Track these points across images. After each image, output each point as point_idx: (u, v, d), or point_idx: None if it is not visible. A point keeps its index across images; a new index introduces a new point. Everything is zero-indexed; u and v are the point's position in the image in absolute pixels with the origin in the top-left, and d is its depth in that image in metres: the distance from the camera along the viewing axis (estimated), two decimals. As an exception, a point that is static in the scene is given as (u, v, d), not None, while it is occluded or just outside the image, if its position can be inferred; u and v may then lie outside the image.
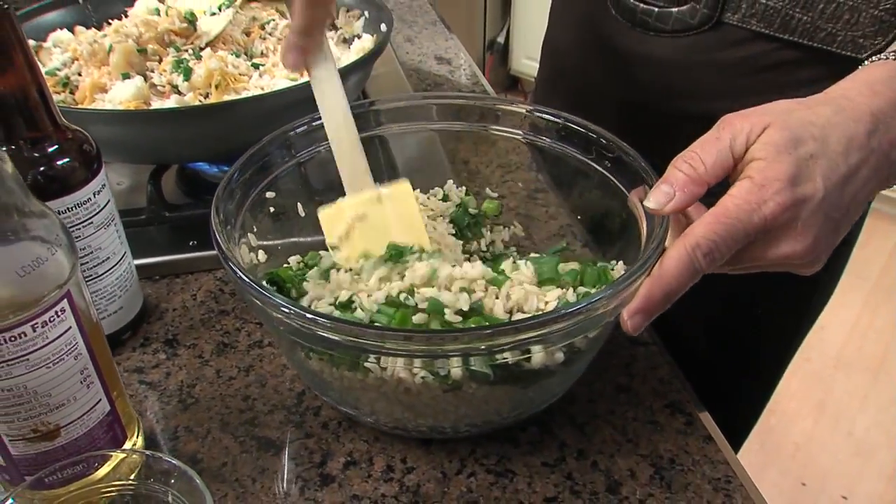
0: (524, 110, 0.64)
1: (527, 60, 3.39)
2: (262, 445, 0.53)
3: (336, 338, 0.41)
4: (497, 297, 0.48)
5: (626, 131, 0.89)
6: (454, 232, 0.63)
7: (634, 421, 0.55)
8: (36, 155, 0.50)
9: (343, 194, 0.59)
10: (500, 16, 3.39)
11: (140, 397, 0.56)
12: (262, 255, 0.57)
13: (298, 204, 0.62)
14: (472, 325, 0.46)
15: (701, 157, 0.48)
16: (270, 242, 0.59)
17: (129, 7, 0.90)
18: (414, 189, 0.61)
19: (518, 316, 0.48)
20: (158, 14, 0.86)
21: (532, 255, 0.61)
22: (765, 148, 0.46)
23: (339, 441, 0.53)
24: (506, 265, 0.52)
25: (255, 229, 0.57)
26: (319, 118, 0.58)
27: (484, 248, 0.65)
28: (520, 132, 0.64)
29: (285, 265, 0.59)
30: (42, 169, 0.50)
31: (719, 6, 0.76)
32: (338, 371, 0.47)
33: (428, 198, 0.66)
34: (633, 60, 0.84)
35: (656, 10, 0.80)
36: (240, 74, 0.74)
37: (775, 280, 0.54)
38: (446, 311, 0.46)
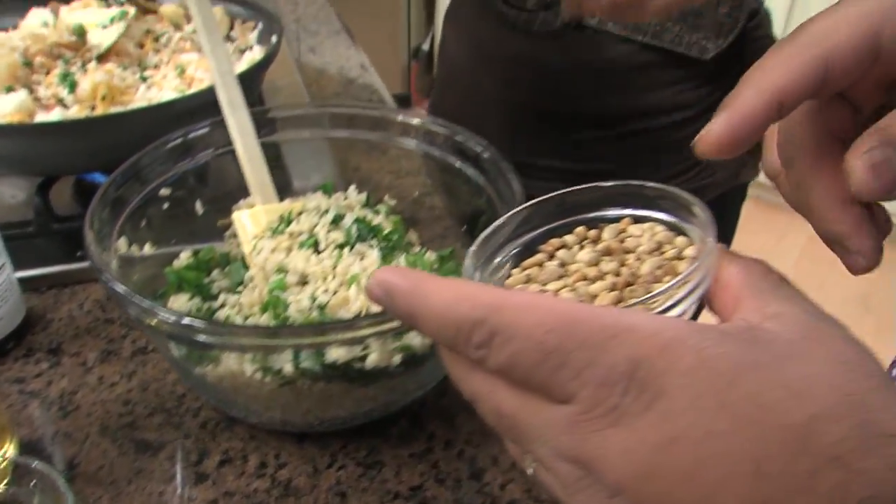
0: (411, 120, 0.66)
1: (452, 67, 3.42)
2: (140, 448, 0.54)
3: (182, 333, 0.44)
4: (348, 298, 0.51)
5: (511, 131, 0.94)
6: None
7: (502, 411, 0.58)
8: None
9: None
10: (425, 23, 3.42)
11: (19, 406, 0.57)
12: (148, 249, 0.59)
13: (198, 202, 0.65)
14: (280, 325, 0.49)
15: None
16: (162, 247, 0.61)
17: (21, 18, 0.90)
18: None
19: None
20: (46, 26, 0.86)
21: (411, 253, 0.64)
22: None
23: (216, 440, 0.55)
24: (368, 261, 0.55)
25: (146, 224, 0.60)
26: (200, 128, 0.61)
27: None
28: (408, 140, 0.67)
29: (176, 260, 0.61)
30: None
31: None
32: (201, 367, 0.49)
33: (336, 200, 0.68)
34: (510, 61, 0.89)
35: (525, 14, 0.85)
36: (127, 87, 0.75)
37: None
38: (290, 309, 0.48)
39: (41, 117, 0.72)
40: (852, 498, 0.23)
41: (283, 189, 0.70)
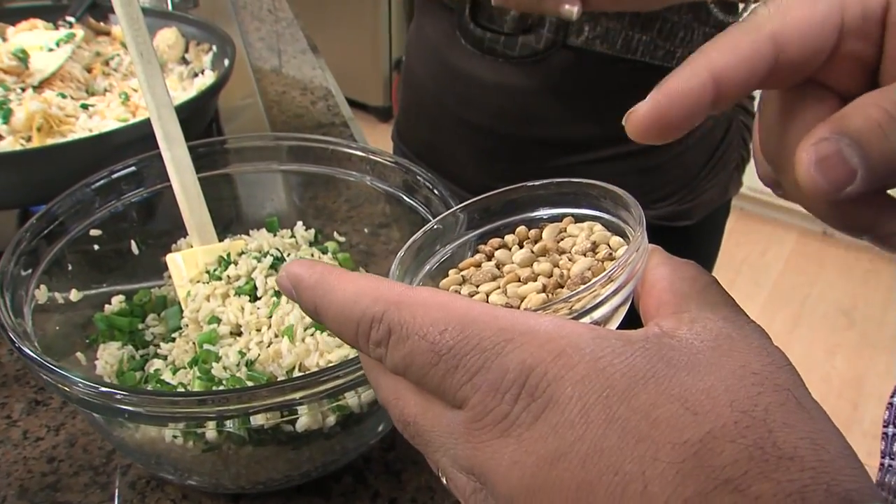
0: (367, 154, 0.63)
1: (433, 78, 3.40)
2: (62, 512, 0.51)
3: (94, 401, 0.40)
4: (279, 353, 0.47)
5: (486, 158, 0.90)
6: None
7: (453, 465, 0.54)
8: None
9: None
10: (406, 34, 3.39)
11: (-66, 465, 0.54)
12: (74, 295, 0.56)
13: (133, 242, 0.61)
14: (200, 390, 0.45)
15: None
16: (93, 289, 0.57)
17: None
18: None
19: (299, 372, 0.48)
20: (-6, 51, 0.83)
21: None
22: None
23: (145, 502, 0.51)
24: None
25: (70, 269, 0.56)
26: (128, 167, 0.57)
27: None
28: (360, 174, 0.63)
29: (107, 305, 0.57)
30: None
31: (563, 30, 0.78)
32: (119, 431, 0.45)
33: (282, 238, 0.65)
34: (485, 88, 0.86)
35: (503, 37, 0.81)
36: (66, 116, 0.71)
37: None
38: (214, 366, 0.45)
39: (-27, 149, 0.68)
40: None
41: (233, 222, 0.67)
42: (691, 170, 0.88)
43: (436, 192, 0.57)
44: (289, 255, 0.58)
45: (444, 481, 0.27)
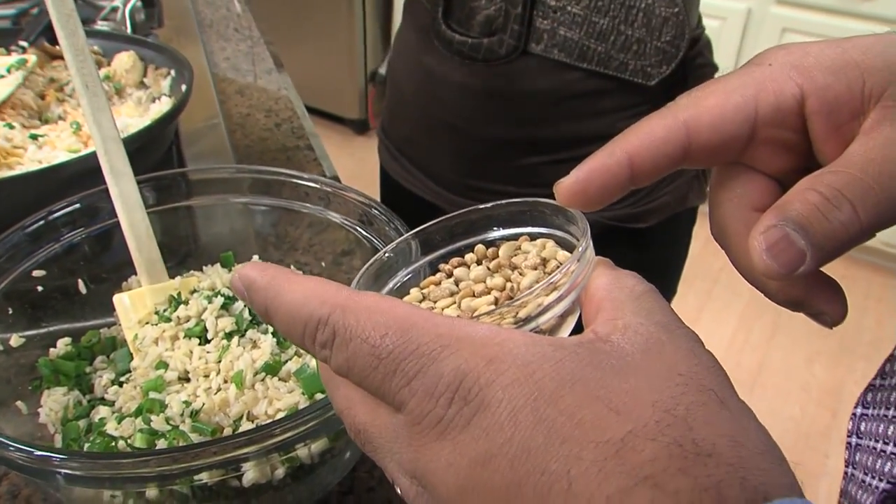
0: (327, 187, 0.61)
1: (409, 91, 3.40)
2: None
3: (26, 464, 0.38)
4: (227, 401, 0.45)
5: (460, 156, 0.94)
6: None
7: (415, 508, 0.53)
8: None
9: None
10: (381, 46, 3.39)
11: None
12: (14, 340, 0.53)
13: (80, 281, 0.59)
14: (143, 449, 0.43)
15: None
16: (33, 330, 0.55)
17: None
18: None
19: (246, 426, 0.45)
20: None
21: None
22: None
23: (91, 558, 0.49)
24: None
25: (11, 312, 0.53)
26: (72, 204, 0.55)
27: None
28: (321, 208, 0.62)
29: (52, 349, 0.55)
30: None
31: (524, 37, 0.83)
32: (54, 490, 0.43)
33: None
34: (455, 88, 0.91)
35: (470, 40, 0.86)
36: (14, 147, 0.69)
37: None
38: (154, 419, 0.43)
39: (-84, 183, 0.66)
40: None
41: (190, 255, 0.65)
42: None
43: (393, 224, 0.55)
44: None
45: (396, 488, 0.28)
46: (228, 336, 0.51)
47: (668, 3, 0.81)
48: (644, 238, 0.96)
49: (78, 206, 0.56)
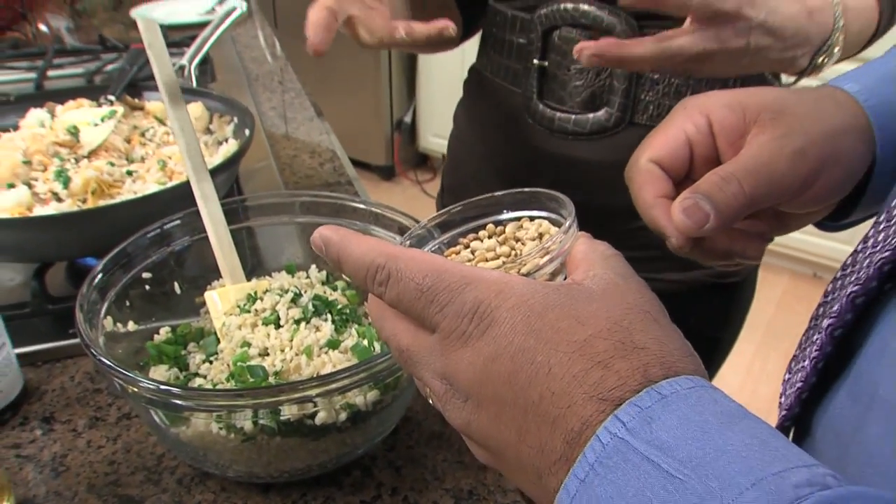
0: (369, 207, 0.75)
1: (434, 138, 3.56)
2: (123, 502, 0.62)
3: (156, 398, 0.52)
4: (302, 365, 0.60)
5: None
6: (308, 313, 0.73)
7: (444, 462, 0.66)
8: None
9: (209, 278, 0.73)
10: (407, 96, 3.57)
11: (16, 469, 0.65)
12: (131, 326, 0.68)
13: (175, 283, 0.74)
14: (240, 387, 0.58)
15: None
16: (143, 323, 0.69)
17: (21, 118, 1.00)
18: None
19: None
20: (44, 126, 0.96)
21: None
22: None
23: (191, 493, 0.63)
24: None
25: (129, 305, 0.68)
26: (174, 220, 0.70)
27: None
28: (367, 224, 0.76)
29: (156, 335, 0.69)
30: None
31: (630, 109, 0.88)
32: (175, 428, 0.57)
33: (299, 278, 0.77)
34: (550, 160, 0.94)
35: (574, 116, 0.91)
36: (115, 181, 0.84)
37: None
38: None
39: (38, 210, 0.81)
40: (606, 386, 0.32)
41: (256, 268, 0.79)
42: None
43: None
44: (305, 292, 0.70)
45: (427, 395, 0.40)
46: (297, 322, 0.65)
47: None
48: (734, 291, 1.03)
49: (178, 221, 0.71)
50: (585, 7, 0.84)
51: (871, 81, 0.50)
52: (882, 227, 0.43)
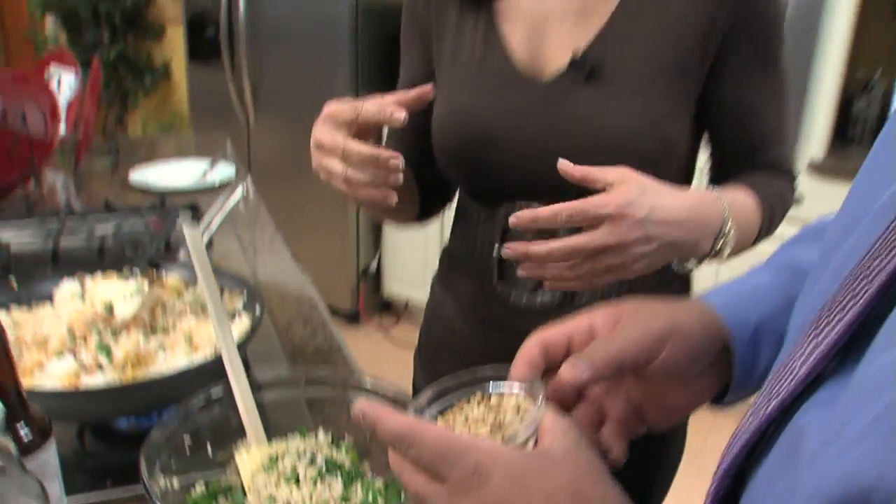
0: (358, 382, 0.92)
1: (398, 286, 3.75)
2: None
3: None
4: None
5: None
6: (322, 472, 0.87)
7: None
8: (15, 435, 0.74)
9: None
10: (372, 245, 3.77)
11: None
12: (176, 483, 0.81)
13: (208, 444, 0.88)
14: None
15: None
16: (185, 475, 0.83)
17: (55, 287, 1.16)
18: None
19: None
20: (82, 297, 1.12)
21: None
22: None
23: None
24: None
25: (173, 466, 0.82)
26: (215, 391, 0.86)
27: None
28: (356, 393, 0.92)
29: (191, 489, 0.83)
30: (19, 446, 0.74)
31: (569, 294, 1.08)
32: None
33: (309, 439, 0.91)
34: (514, 335, 1.10)
35: (525, 293, 1.11)
36: (149, 353, 1.00)
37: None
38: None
39: (85, 378, 0.95)
40: None
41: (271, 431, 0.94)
42: None
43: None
44: (317, 452, 0.85)
45: None
46: (314, 482, 0.80)
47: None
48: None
49: (221, 394, 0.86)
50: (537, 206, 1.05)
51: (728, 297, 0.68)
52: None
